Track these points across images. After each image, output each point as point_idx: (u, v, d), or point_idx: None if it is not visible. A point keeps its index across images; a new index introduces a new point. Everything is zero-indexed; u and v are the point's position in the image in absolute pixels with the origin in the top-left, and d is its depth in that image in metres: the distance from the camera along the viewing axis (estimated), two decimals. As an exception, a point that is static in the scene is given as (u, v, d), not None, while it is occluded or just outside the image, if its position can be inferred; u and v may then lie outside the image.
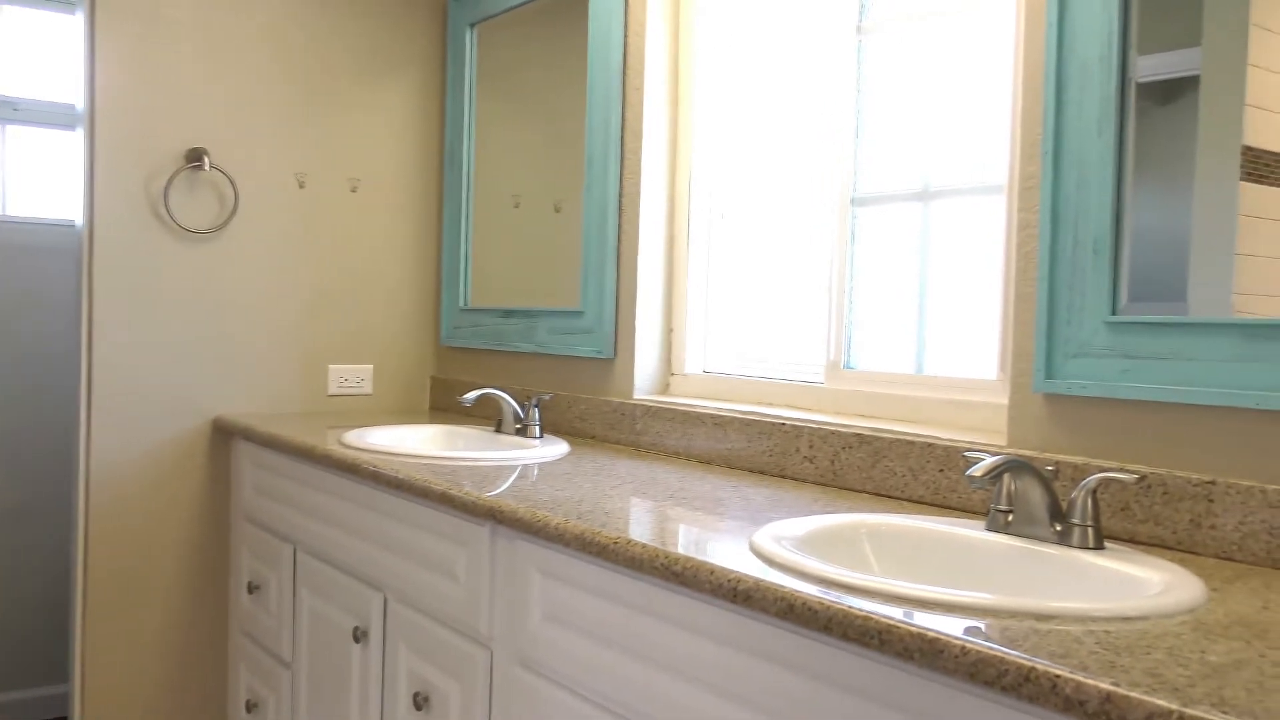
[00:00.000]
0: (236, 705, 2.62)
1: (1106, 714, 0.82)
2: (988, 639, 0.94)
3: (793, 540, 1.31)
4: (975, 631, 0.96)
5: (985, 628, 0.97)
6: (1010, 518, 1.36)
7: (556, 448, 2.16)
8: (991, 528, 1.38)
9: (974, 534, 1.37)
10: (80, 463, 2.52)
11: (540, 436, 2.30)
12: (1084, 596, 1.20)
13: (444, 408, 2.95)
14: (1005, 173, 1.71)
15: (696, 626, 1.26)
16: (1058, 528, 1.31)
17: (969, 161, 1.82)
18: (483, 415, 2.77)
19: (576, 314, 2.47)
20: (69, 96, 3.21)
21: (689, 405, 2.12)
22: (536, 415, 2.30)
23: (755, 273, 2.23)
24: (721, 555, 1.25)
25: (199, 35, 2.61)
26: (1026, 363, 1.54)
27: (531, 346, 2.61)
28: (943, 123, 1.86)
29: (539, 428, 2.30)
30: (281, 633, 2.35)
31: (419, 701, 1.79)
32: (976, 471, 1.30)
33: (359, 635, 1.99)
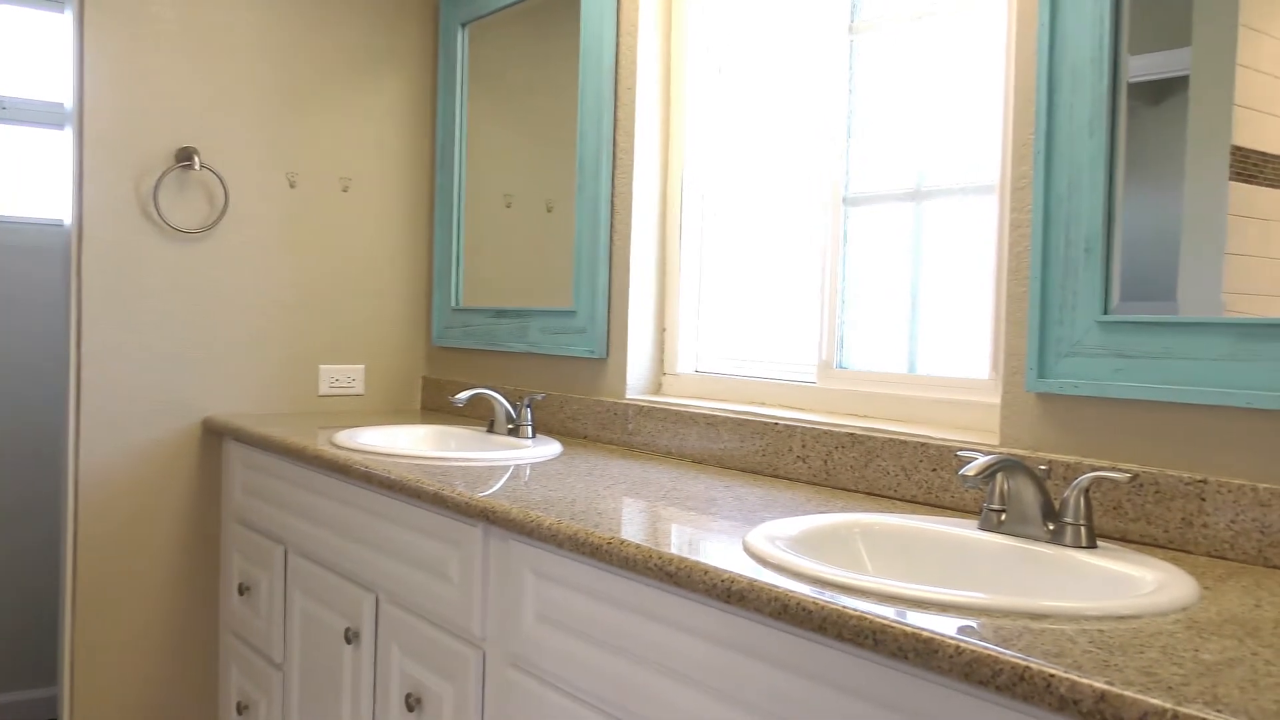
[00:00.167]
0: (227, 707, 2.61)
1: (1101, 713, 0.82)
2: (982, 638, 0.94)
3: (786, 540, 1.31)
4: (969, 631, 0.96)
5: (979, 627, 0.98)
6: (1003, 517, 1.36)
7: (549, 448, 2.15)
8: (984, 527, 1.38)
9: (967, 533, 1.38)
10: (69, 464, 2.50)
11: (533, 436, 2.29)
12: (1077, 595, 1.21)
13: (436, 408, 2.94)
14: (997, 172, 1.71)
15: (690, 627, 1.26)
16: (1051, 527, 1.32)
17: (961, 161, 1.82)
18: (475, 415, 2.77)
19: (569, 314, 2.46)
20: (58, 95, 3.20)
21: (682, 405, 2.12)
22: (529, 415, 2.29)
23: (747, 272, 2.23)
24: (715, 555, 1.25)
25: (189, 34, 2.59)
26: (1019, 362, 1.54)
27: (524, 346, 2.61)
28: (935, 123, 1.86)
29: (531, 428, 2.30)
30: (272, 634, 2.34)
31: (411, 703, 1.79)
32: (969, 471, 1.30)
33: (351, 636, 1.99)
